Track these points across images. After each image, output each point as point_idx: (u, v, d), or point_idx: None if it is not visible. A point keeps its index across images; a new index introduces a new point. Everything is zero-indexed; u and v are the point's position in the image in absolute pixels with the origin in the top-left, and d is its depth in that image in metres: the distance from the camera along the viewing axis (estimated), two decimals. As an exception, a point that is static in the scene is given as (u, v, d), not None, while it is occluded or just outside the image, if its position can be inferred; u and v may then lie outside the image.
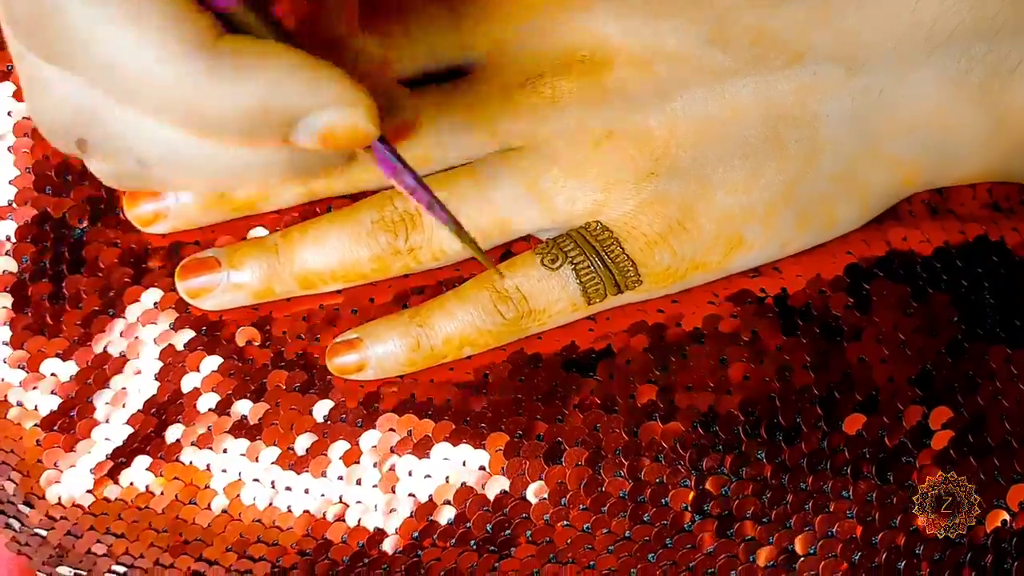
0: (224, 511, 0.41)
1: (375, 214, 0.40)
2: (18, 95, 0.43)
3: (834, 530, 0.38)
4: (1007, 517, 0.37)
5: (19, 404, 0.42)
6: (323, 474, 0.40)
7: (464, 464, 0.40)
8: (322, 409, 0.41)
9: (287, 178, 0.29)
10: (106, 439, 0.42)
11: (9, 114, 0.43)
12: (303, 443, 0.41)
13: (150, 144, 0.28)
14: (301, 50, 0.27)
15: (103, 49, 0.26)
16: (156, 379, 0.42)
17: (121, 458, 0.42)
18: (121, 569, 0.42)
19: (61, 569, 0.42)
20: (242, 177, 0.29)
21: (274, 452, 0.41)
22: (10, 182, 0.43)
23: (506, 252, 0.42)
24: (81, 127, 0.28)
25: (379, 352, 0.40)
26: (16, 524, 0.42)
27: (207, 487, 0.41)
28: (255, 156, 0.28)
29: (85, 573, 0.42)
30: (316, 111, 0.26)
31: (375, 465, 0.40)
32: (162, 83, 0.26)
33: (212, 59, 0.26)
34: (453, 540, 0.39)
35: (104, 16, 0.25)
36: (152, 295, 0.42)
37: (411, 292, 0.41)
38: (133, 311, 0.42)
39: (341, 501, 0.40)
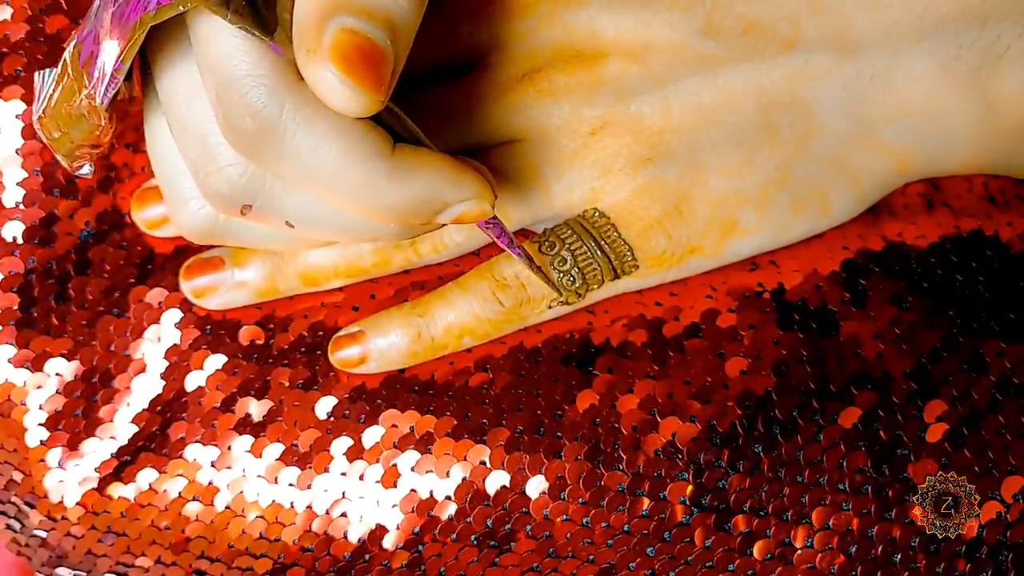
0: (227, 507, 0.41)
1: None
2: (27, 98, 0.43)
3: (831, 523, 0.38)
4: (1002, 509, 0.38)
5: (23, 403, 0.43)
6: (326, 470, 0.41)
7: (465, 459, 0.40)
8: (325, 406, 0.41)
9: (398, 239, 0.37)
10: (111, 438, 0.42)
11: (17, 117, 0.43)
12: (306, 439, 0.41)
13: (305, 214, 0.36)
14: (447, 155, 0.34)
15: (309, 157, 0.33)
16: (161, 378, 0.42)
17: (126, 456, 0.42)
18: (121, 570, 0.42)
19: (60, 571, 0.43)
20: (363, 237, 0.37)
21: (278, 449, 0.41)
22: (18, 184, 0.43)
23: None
24: (249, 198, 0.35)
25: (381, 344, 0.40)
26: (17, 525, 0.43)
27: (211, 484, 0.41)
28: (382, 225, 0.35)
29: (84, 574, 0.42)
30: (459, 203, 0.34)
31: (377, 461, 0.40)
32: (352, 182, 0.33)
33: (391, 165, 0.33)
34: (454, 535, 0.40)
35: (314, 134, 0.32)
36: (157, 295, 0.43)
37: (411, 287, 0.42)
38: (138, 310, 0.43)
39: (344, 497, 0.40)
